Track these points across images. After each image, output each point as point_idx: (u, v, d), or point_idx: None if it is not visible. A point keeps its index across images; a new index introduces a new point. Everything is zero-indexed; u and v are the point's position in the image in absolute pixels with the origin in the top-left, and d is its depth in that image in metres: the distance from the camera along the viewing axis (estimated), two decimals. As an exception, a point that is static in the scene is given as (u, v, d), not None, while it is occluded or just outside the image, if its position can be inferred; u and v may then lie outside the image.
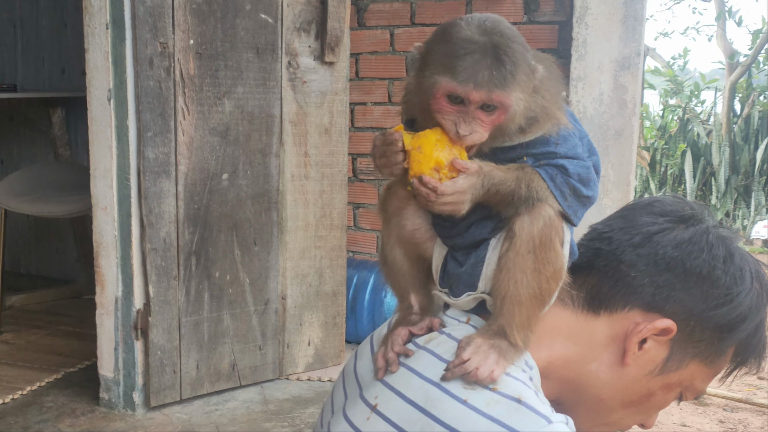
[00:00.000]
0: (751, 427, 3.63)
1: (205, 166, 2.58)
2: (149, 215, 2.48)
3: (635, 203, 1.05)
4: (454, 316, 0.98)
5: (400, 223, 0.99)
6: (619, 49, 2.90)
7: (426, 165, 0.87)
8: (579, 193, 0.90)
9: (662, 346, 0.96)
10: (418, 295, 1.01)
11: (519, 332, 0.90)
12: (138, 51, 2.38)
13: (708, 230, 0.97)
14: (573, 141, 0.91)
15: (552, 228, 0.89)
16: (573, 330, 0.98)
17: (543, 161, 0.89)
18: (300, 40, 2.73)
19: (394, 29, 3.40)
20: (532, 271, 0.88)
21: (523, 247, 0.88)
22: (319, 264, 2.93)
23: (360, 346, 1.11)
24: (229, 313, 2.71)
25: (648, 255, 0.95)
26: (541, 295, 0.90)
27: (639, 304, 0.95)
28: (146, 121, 2.43)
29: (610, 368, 0.98)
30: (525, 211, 0.88)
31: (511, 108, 0.86)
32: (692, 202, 1.03)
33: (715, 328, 0.95)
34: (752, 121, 10.30)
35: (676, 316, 0.94)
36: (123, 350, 2.58)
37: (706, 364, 0.98)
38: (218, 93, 2.57)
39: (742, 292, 0.94)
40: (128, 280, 2.53)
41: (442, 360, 0.90)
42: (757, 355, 1.00)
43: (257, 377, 2.84)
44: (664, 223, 0.98)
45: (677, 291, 0.94)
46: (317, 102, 2.81)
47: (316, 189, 2.87)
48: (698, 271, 0.94)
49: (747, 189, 9.87)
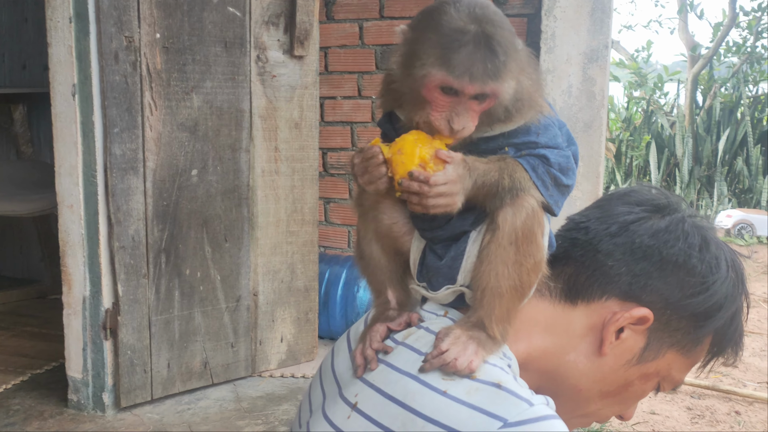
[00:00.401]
0: (718, 414, 3.69)
1: (174, 162, 2.54)
2: (117, 213, 2.43)
3: (612, 193, 1.05)
4: (432, 310, 0.97)
5: (376, 217, 0.98)
6: (588, 41, 2.92)
7: (410, 163, 0.85)
8: (560, 182, 0.90)
9: (639, 335, 0.96)
10: (395, 290, 1.00)
11: (498, 325, 0.89)
12: (103, 45, 2.33)
13: (684, 219, 0.97)
14: (553, 130, 0.91)
15: (535, 219, 0.88)
16: (551, 321, 0.98)
17: (524, 151, 0.89)
18: (269, 34, 2.70)
19: (363, 22, 3.38)
20: (514, 264, 0.88)
21: (506, 239, 0.88)
22: (290, 260, 2.90)
23: (337, 343, 1.10)
24: (200, 311, 2.68)
25: (625, 244, 0.96)
26: (521, 287, 0.89)
27: (616, 293, 0.96)
28: (112, 116, 2.38)
29: (587, 358, 0.98)
30: (508, 202, 0.88)
31: (500, 97, 0.85)
32: (668, 192, 1.04)
33: (692, 317, 0.96)
34: (714, 112, 10.49)
35: (653, 305, 0.94)
36: (92, 350, 2.54)
37: (683, 354, 0.99)
38: (186, 88, 2.53)
39: (718, 280, 0.95)
40: (96, 279, 2.48)
41: (420, 354, 0.89)
42: (734, 344, 1.01)
43: (229, 375, 2.81)
44: (640, 212, 0.98)
45: (654, 280, 0.94)
46: (287, 96, 2.79)
47: (286, 184, 2.84)
48: (674, 259, 0.94)
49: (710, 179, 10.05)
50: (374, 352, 0.94)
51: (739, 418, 3.62)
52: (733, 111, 10.49)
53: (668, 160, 10.37)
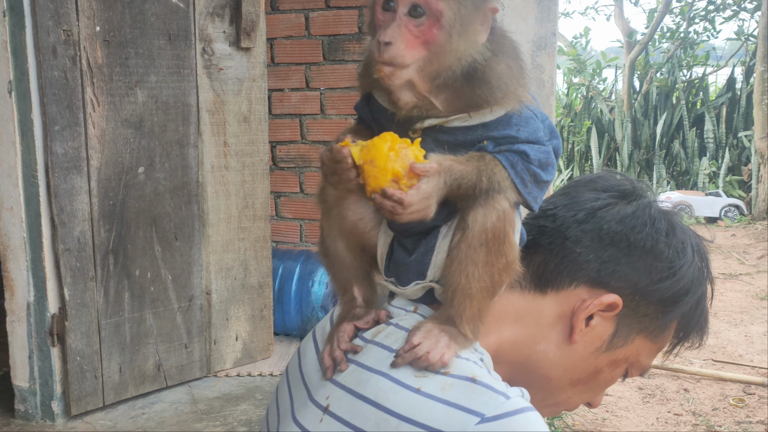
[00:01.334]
0: (668, 392, 3.79)
1: (120, 160, 2.45)
2: (60, 214, 2.34)
3: (578, 180, 1.05)
4: (401, 306, 0.95)
5: (341, 213, 0.94)
6: (536, 29, 2.93)
7: (383, 178, 0.81)
8: (539, 178, 0.87)
9: (608, 321, 0.96)
10: (361, 286, 0.97)
11: (469, 324, 0.87)
12: (40, 39, 2.22)
13: (650, 204, 0.97)
14: (534, 123, 0.88)
15: (506, 221, 0.85)
16: (521, 311, 0.97)
17: (503, 146, 0.86)
18: (214, 26, 2.63)
19: (309, 13, 3.32)
20: (485, 264, 0.85)
21: (476, 239, 0.85)
22: (243, 256, 2.84)
23: (302, 343, 1.07)
24: (151, 312, 2.60)
25: (592, 230, 0.95)
26: (492, 287, 0.87)
27: (585, 281, 0.95)
28: (52, 114, 2.28)
29: (558, 347, 0.97)
30: (481, 203, 0.85)
31: (442, 21, 0.81)
32: (633, 178, 1.04)
33: (659, 302, 0.96)
34: (651, 97, 10.76)
35: (622, 291, 0.94)
36: (38, 358, 2.44)
37: (651, 339, 0.99)
38: (130, 82, 2.44)
39: (685, 264, 0.95)
40: (41, 283, 2.38)
41: (391, 351, 0.87)
42: (699, 329, 1.02)
43: (184, 376, 2.74)
44: (607, 198, 0.98)
45: (622, 265, 0.94)
46: (235, 89, 2.72)
47: (237, 179, 2.78)
48: (642, 244, 0.94)
49: (649, 162, 10.31)
50: (343, 353, 0.91)
51: (688, 395, 3.72)
52: (669, 95, 10.78)
53: (608, 145, 10.60)
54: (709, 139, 9.97)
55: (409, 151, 0.82)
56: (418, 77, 0.83)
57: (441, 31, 0.81)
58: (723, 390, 3.78)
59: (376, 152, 0.82)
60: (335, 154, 0.84)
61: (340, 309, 0.99)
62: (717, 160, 9.96)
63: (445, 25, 0.81)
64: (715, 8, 11.26)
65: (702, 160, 9.85)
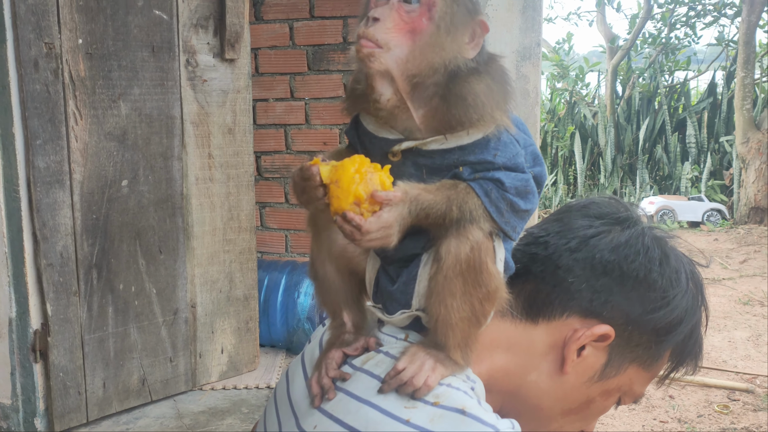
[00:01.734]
0: (653, 399, 3.80)
1: (103, 173, 2.42)
2: (43, 229, 2.31)
3: (571, 205, 1.03)
4: (391, 333, 0.93)
5: (330, 237, 0.93)
6: (520, 39, 2.94)
7: (345, 201, 0.80)
8: (516, 207, 0.85)
9: (601, 352, 0.95)
10: (351, 311, 0.96)
11: (457, 351, 0.86)
12: (21, 52, 2.20)
13: (644, 232, 0.96)
14: (514, 149, 0.85)
15: (480, 251, 0.83)
16: (512, 340, 0.96)
17: (479, 173, 0.84)
18: (198, 37, 2.61)
19: (293, 23, 3.31)
20: (462, 295, 0.83)
21: (450, 270, 0.83)
22: (228, 268, 2.82)
23: (291, 367, 1.06)
24: (135, 327, 2.58)
25: (585, 259, 0.93)
26: (474, 317, 0.85)
27: (577, 310, 0.94)
28: (34, 127, 2.25)
29: (549, 377, 0.96)
30: (453, 233, 0.83)
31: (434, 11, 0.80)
32: (627, 203, 1.02)
33: (653, 332, 0.94)
34: (633, 102, 10.84)
35: (614, 321, 0.93)
36: (21, 375, 2.40)
37: (644, 368, 0.98)
38: (113, 95, 2.41)
39: (678, 294, 0.94)
40: (23, 299, 2.35)
41: (380, 381, 0.85)
42: (693, 356, 1.00)
43: (169, 391, 2.72)
44: (600, 226, 0.96)
45: (615, 295, 0.93)
46: (219, 101, 2.70)
47: (222, 191, 2.76)
48: (635, 274, 0.93)
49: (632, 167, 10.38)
50: (331, 381, 0.90)
51: (673, 402, 3.74)
52: (651, 100, 10.87)
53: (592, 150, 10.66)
54: (691, 144, 10.05)
55: (375, 176, 0.81)
56: (398, 69, 0.82)
57: (430, 23, 0.81)
58: (708, 396, 3.80)
59: (342, 173, 0.81)
60: (304, 171, 0.83)
61: (329, 334, 0.98)
62: (699, 164, 10.04)
63: (434, 18, 0.81)
64: (696, 14, 11.37)
65: (684, 165, 9.93)
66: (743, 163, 8.87)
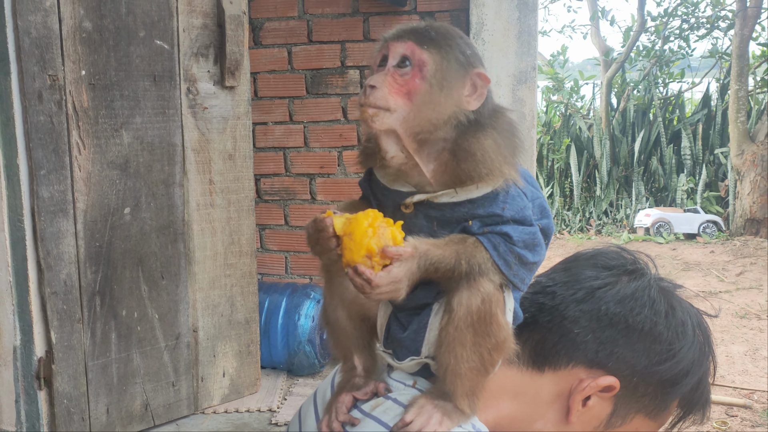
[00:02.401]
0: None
1: (105, 202, 2.45)
2: (47, 257, 2.34)
3: (579, 255, 1.05)
4: (400, 380, 0.96)
5: (342, 284, 0.96)
6: (516, 63, 2.98)
7: (357, 253, 0.83)
8: (525, 260, 0.88)
9: (606, 402, 0.96)
10: (361, 356, 0.99)
11: (464, 400, 0.88)
12: (25, 85, 2.23)
13: (650, 284, 0.98)
14: (521, 202, 0.88)
15: (491, 302, 0.86)
16: (519, 388, 0.98)
17: (488, 227, 0.87)
18: (198, 66, 2.65)
19: (292, 47, 3.36)
20: (472, 345, 0.86)
21: (462, 322, 0.86)
22: (230, 292, 2.85)
23: (303, 406, 1.09)
24: (138, 352, 2.60)
25: (591, 311, 0.95)
26: (483, 367, 0.88)
27: (582, 361, 0.95)
28: (38, 158, 2.28)
29: (555, 426, 0.98)
30: (464, 285, 0.86)
31: (425, 71, 0.85)
32: (635, 252, 1.04)
33: (659, 383, 0.96)
34: (628, 114, 10.89)
35: (620, 373, 0.94)
36: (25, 402, 2.42)
37: (650, 418, 0.99)
38: (115, 124, 2.45)
39: (685, 346, 0.95)
40: (27, 327, 2.37)
41: (387, 428, 0.88)
42: (700, 406, 1.02)
43: (171, 415, 2.74)
44: (607, 277, 0.98)
45: (620, 347, 0.94)
46: (219, 128, 2.74)
47: (222, 216, 2.79)
48: (641, 327, 0.94)
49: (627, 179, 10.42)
50: (341, 425, 0.93)
51: (672, 418, 3.76)
52: (646, 112, 10.91)
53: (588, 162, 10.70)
54: (686, 156, 10.10)
55: (387, 230, 0.84)
56: (402, 128, 0.85)
57: (423, 82, 0.84)
58: (706, 412, 3.82)
59: (356, 226, 0.84)
60: (318, 223, 0.87)
61: (340, 377, 1.01)
62: (694, 176, 10.08)
63: (427, 76, 0.85)
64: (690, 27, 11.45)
65: (680, 177, 9.97)
66: (738, 174, 8.92)
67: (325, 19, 3.29)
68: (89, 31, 2.35)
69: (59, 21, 2.28)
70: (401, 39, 0.85)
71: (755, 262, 7.41)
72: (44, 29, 2.25)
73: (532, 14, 2.96)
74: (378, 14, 3.22)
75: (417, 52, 0.84)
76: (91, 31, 2.36)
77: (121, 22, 2.43)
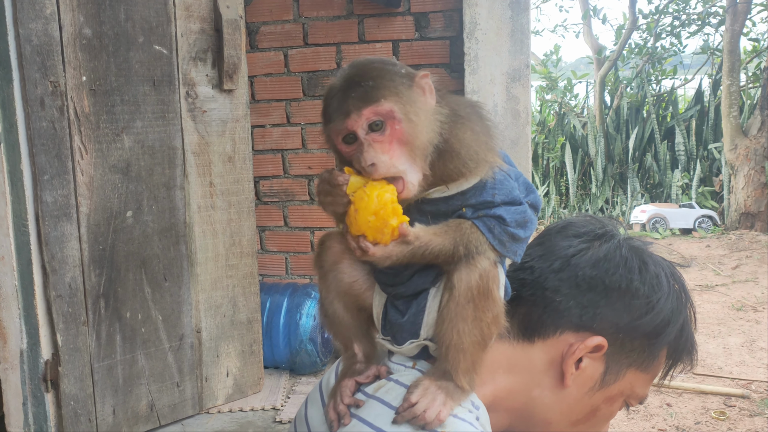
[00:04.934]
0: (651, 407, 3.87)
1: (108, 205, 2.49)
2: (52, 261, 2.37)
3: (550, 228, 1.10)
4: (400, 362, 1.00)
5: (337, 277, 1.00)
6: (509, 62, 3.02)
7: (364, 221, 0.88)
8: (517, 237, 0.93)
9: (597, 362, 1.01)
10: (361, 344, 1.03)
11: (464, 376, 0.92)
12: (27, 92, 2.27)
13: (620, 244, 1.03)
14: (509, 184, 0.94)
15: (488, 278, 0.91)
16: (512, 361, 1.02)
17: (481, 212, 0.91)
18: (197, 70, 2.69)
19: (288, 50, 3.40)
20: (473, 320, 0.91)
21: (462, 297, 0.90)
22: (232, 293, 2.89)
23: (309, 394, 1.12)
24: (143, 353, 2.63)
25: (569, 278, 1.00)
26: (483, 340, 0.92)
27: (569, 327, 1.00)
28: (41, 163, 2.32)
29: (552, 392, 1.02)
30: (463, 264, 0.91)
31: (396, 115, 0.88)
32: (602, 217, 1.09)
33: (644, 336, 1.00)
34: (622, 111, 10.95)
35: (605, 332, 0.99)
36: (32, 404, 2.46)
37: (642, 370, 1.04)
38: (116, 129, 2.49)
39: (662, 297, 1.00)
40: (33, 330, 2.40)
41: (391, 408, 0.92)
42: (687, 352, 1.06)
43: (177, 415, 2.77)
44: (579, 244, 1.03)
45: (602, 308, 0.99)
46: (219, 131, 2.77)
47: (223, 218, 2.83)
48: (617, 285, 0.99)
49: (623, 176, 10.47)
50: (346, 407, 0.97)
51: (671, 410, 3.80)
52: (640, 109, 10.98)
53: (583, 160, 10.76)
54: (680, 152, 10.16)
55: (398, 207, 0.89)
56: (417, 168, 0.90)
57: (401, 124, 0.88)
58: (704, 403, 3.87)
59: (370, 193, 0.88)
60: (335, 177, 0.91)
61: (342, 364, 1.05)
62: (689, 171, 10.15)
63: (401, 118, 0.88)
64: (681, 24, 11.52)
65: (674, 173, 10.04)
66: (732, 169, 8.98)
67: (321, 21, 3.33)
68: (89, 37, 2.39)
69: (59, 28, 2.32)
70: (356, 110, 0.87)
71: (750, 255, 7.46)
72: (45, 36, 2.29)
73: (525, 13, 3.00)
74: (372, 16, 3.26)
75: (378, 110, 0.88)
76: (91, 37, 2.40)
77: (120, 29, 2.46)
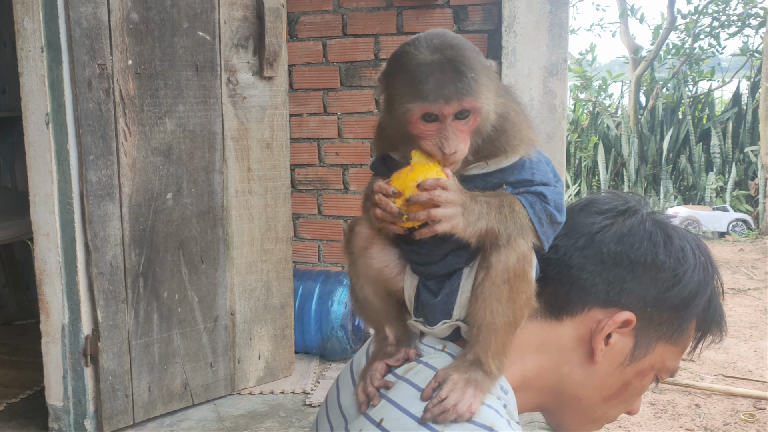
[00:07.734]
0: (679, 407, 3.85)
1: (149, 187, 2.55)
2: (94, 239, 2.44)
3: (572, 206, 1.09)
4: (430, 344, 1.01)
5: (366, 262, 1.01)
6: (547, 56, 3.03)
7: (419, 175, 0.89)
8: (554, 219, 0.95)
9: (627, 336, 1.01)
10: (392, 327, 1.04)
11: (494, 359, 0.93)
12: (76, 73, 2.33)
13: (644, 219, 1.02)
14: (545, 167, 0.95)
15: (525, 261, 0.92)
16: (540, 340, 1.03)
17: (522, 188, 0.93)
18: (238, 57, 2.74)
19: (327, 40, 3.44)
20: (507, 300, 0.92)
21: (499, 277, 0.91)
22: (266, 277, 2.94)
23: (340, 375, 1.14)
24: (179, 333, 2.69)
25: (594, 255, 1.00)
26: (514, 322, 0.93)
27: (596, 303, 1.00)
28: (87, 144, 2.38)
29: (582, 368, 1.03)
30: (503, 244, 0.91)
31: (482, 111, 0.88)
32: (625, 193, 1.09)
33: (672, 309, 1.00)
34: (657, 112, 10.83)
35: (633, 306, 0.99)
36: (72, 378, 2.53)
37: (672, 343, 1.04)
38: (159, 112, 2.54)
39: (688, 270, 1.00)
40: (75, 306, 2.48)
41: (419, 390, 0.93)
42: (716, 323, 1.06)
43: (210, 395, 2.83)
44: (602, 221, 1.03)
45: (628, 283, 0.99)
46: (258, 117, 2.82)
47: (260, 203, 2.88)
48: (643, 260, 0.99)
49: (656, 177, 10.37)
50: (375, 389, 0.98)
51: (699, 410, 3.78)
52: (675, 110, 10.85)
53: (615, 160, 10.66)
54: (715, 154, 10.03)
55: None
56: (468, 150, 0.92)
57: (480, 117, 0.89)
58: (734, 405, 3.83)
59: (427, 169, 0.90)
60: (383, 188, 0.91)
61: (374, 346, 1.07)
62: (724, 174, 10.01)
63: (483, 110, 0.89)
64: (720, 25, 11.36)
65: (709, 175, 9.91)
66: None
67: (360, 12, 3.37)
68: (136, 22, 2.45)
69: (108, 12, 2.38)
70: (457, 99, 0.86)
71: (785, 260, 7.35)
72: (94, 20, 2.35)
73: (564, 7, 3.01)
74: (411, 8, 3.29)
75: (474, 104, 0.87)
76: (137, 22, 2.45)
77: (166, 14, 2.52)
